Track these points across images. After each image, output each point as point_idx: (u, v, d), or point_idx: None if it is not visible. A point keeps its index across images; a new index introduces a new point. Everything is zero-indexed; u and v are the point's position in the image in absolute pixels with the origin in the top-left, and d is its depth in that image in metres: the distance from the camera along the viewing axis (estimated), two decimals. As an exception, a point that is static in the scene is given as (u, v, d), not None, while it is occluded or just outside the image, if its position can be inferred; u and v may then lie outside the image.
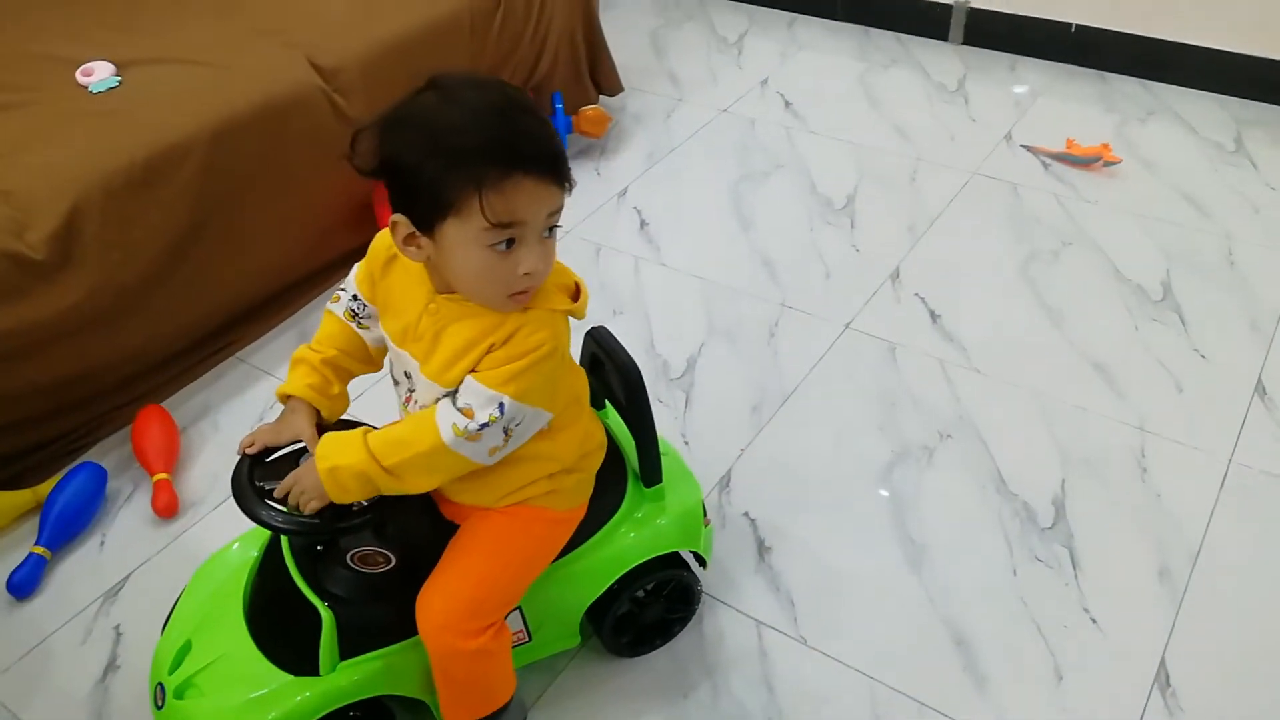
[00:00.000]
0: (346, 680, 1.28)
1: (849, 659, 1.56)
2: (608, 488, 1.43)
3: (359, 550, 1.27)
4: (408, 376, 1.24)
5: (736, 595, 1.66)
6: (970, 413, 1.96)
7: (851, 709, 1.50)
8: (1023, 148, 2.73)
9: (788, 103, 2.97)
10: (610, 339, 1.41)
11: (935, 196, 2.56)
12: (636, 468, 1.46)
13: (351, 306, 1.30)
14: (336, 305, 1.32)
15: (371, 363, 1.34)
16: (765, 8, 3.53)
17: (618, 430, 1.50)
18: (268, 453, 1.23)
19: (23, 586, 1.69)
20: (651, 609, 1.53)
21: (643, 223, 2.53)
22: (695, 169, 2.73)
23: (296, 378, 1.28)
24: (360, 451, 1.15)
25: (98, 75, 2.09)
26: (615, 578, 1.44)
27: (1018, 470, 1.84)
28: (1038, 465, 1.85)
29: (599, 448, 1.40)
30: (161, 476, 1.84)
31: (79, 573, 1.74)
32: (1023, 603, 1.63)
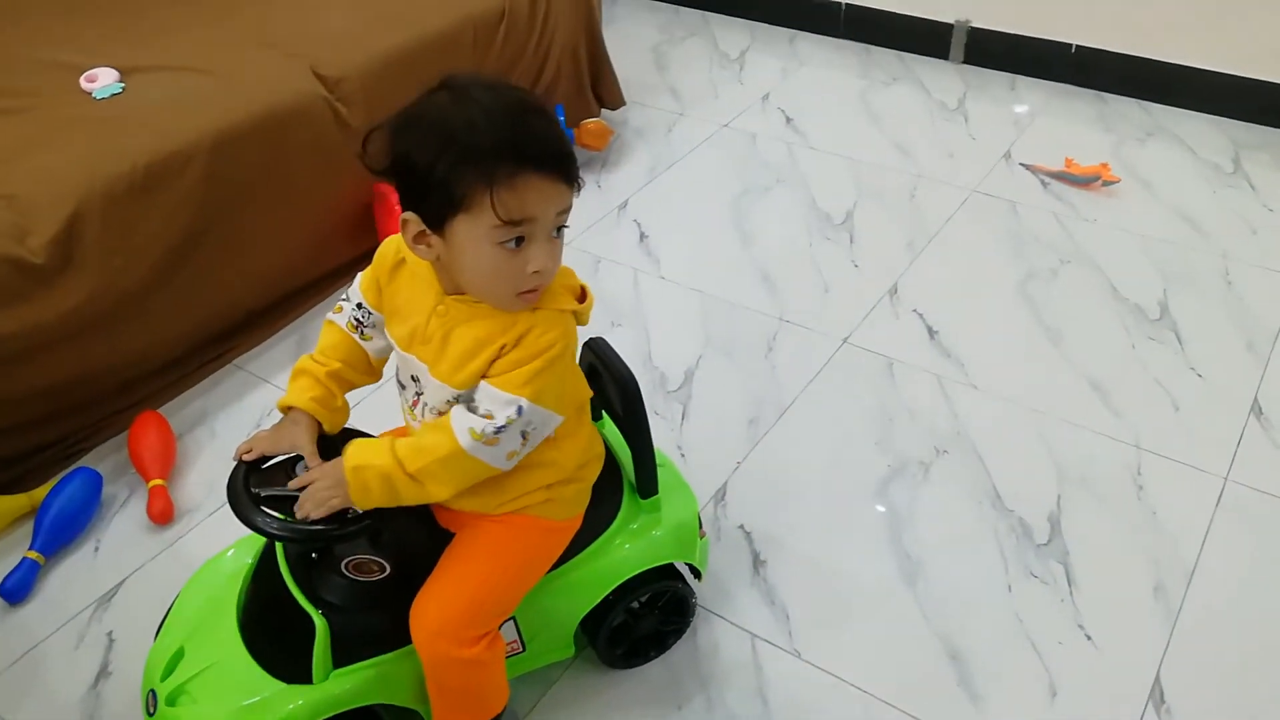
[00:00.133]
0: (339, 688, 1.27)
1: (843, 673, 1.56)
2: (604, 498, 1.43)
3: (354, 558, 1.26)
4: (415, 380, 1.25)
5: (731, 608, 1.65)
6: (967, 429, 1.96)
7: (845, 723, 1.50)
8: (1022, 166, 2.74)
9: (789, 118, 2.99)
10: (608, 350, 1.41)
11: (934, 213, 2.57)
12: (633, 479, 1.46)
13: (355, 316, 1.31)
14: (339, 316, 1.32)
15: (372, 373, 1.34)
16: (767, 24, 3.55)
17: (614, 441, 1.50)
18: (263, 460, 1.23)
19: (16, 591, 1.68)
20: (646, 620, 1.52)
21: (642, 235, 2.53)
22: (696, 183, 2.73)
23: (300, 390, 1.27)
24: (387, 455, 1.16)
25: (101, 81, 2.09)
26: (610, 589, 1.44)
27: (1014, 486, 1.84)
28: (1034, 482, 1.85)
29: (597, 458, 1.40)
30: (157, 483, 1.84)
31: (72, 578, 1.74)
32: (1018, 619, 1.63)
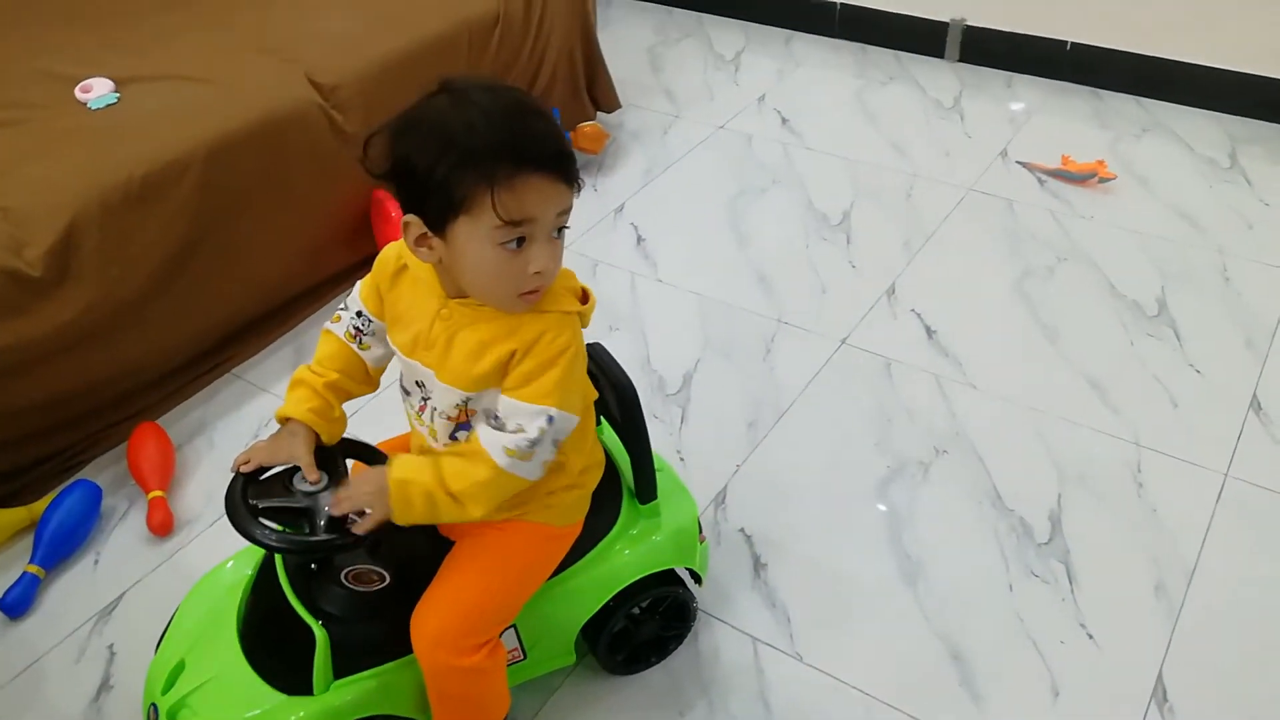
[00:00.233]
0: (341, 699, 1.27)
1: (845, 675, 1.56)
2: (603, 504, 1.43)
3: (353, 568, 1.26)
4: (420, 385, 1.25)
5: (732, 612, 1.65)
6: (966, 428, 1.96)
7: (848, 726, 1.50)
8: (1018, 164, 2.74)
9: (784, 119, 2.99)
10: (605, 356, 1.41)
11: (931, 212, 2.57)
12: (632, 485, 1.46)
13: (355, 324, 1.31)
14: (337, 325, 1.32)
15: (370, 383, 1.34)
16: (762, 25, 3.55)
17: (613, 447, 1.50)
18: (261, 471, 1.23)
19: (16, 606, 1.68)
20: (647, 626, 1.52)
21: (639, 238, 2.53)
22: (692, 185, 2.73)
23: (297, 400, 1.27)
24: (432, 473, 1.16)
25: (97, 91, 2.09)
26: (610, 595, 1.44)
27: (1014, 485, 1.84)
28: (1034, 480, 1.85)
29: (598, 465, 1.40)
30: (156, 494, 1.83)
31: (73, 591, 1.74)
32: (1019, 618, 1.63)
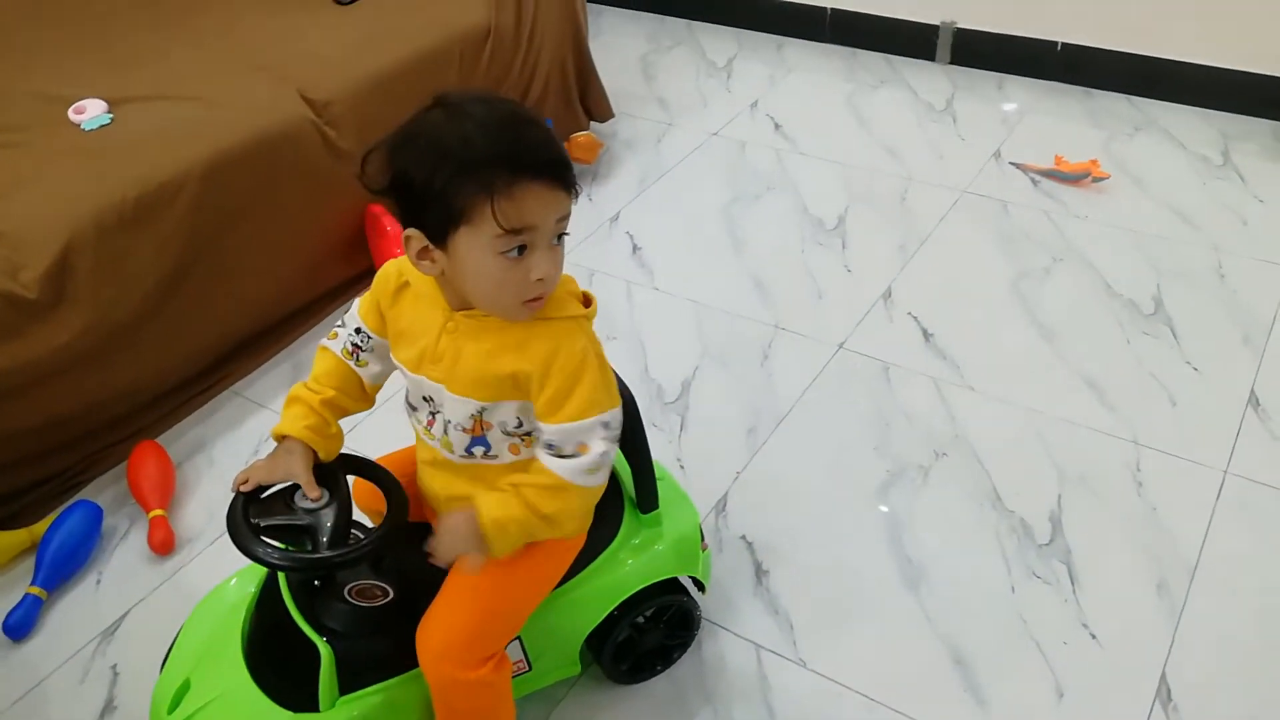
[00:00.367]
0: (346, 715, 1.27)
1: (849, 680, 1.56)
2: (605, 515, 1.43)
3: (356, 584, 1.26)
4: (428, 400, 1.25)
5: (735, 619, 1.65)
6: (965, 431, 1.96)
7: (853, 731, 1.50)
8: (1012, 165, 2.74)
9: (777, 125, 2.99)
10: None
11: (926, 215, 2.57)
12: (633, 494, 1.46)
13: (353, 341, 1.31)
14: (334, 342, 1.32)
15: (366, 400, 1.34)
16: (753, 31, 3.55)
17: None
18: (261, 490, 1.23)
19: (19, 628, 1.68)
20: (651, 635, 1.53)
21: (635, 247, 2.54)
22: (687, 193, 2.74)
23: (293, 418, 1.27)
24: (519, 505, 1.17)
25: (90, 113, 2.10)
26: (614, 605, 1.44)
27: (1013, 487, 1.84)
28: (1033, 481, 1.86)
29: None
30: (157, 513, 1.83)
31: (75, 612, 1.74)
32: (1021, 620, 1.63)
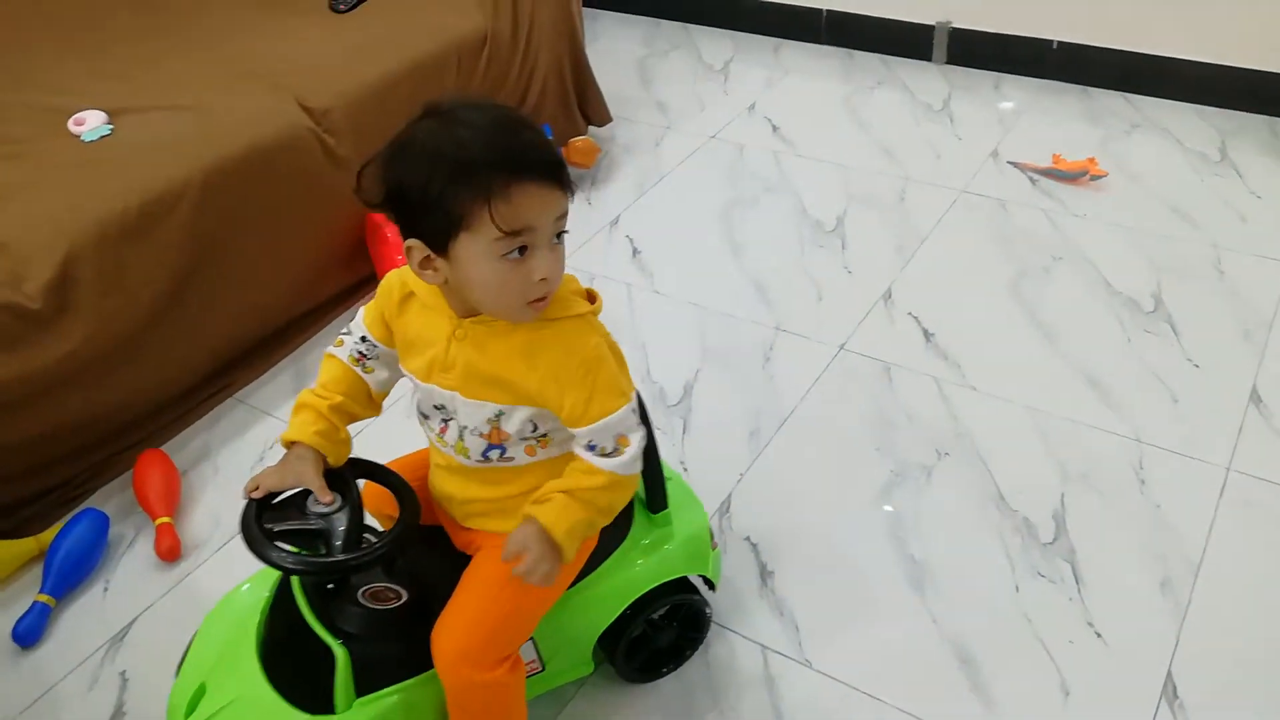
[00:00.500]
0: (363, 717, 1.28)
1: (855, 680, 1.56)
2: (616, 516, 1.44)
3: (370, 587, 1.27)
4: (440, 409, 1.26)
5: (741, 620, 1.66)
6: (967, 430, 1.97)
7: (860, 731, 1.51)
8: (1009, 164, 2.75)
9: (775, 127, 3.00)
10: None
11: (924, 216, 2.58)
12: (643, 495, 1.47)
13: (359, 349, 1.31)
14: (340, 350, 1.32)
15: (374, 407, 1.35)
16: (750, 34, 3.56)
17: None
18: (272, 496, 1.24)
19: (28, 635, 1.68)
20: (664, 633, 1.54)
21: (635, 251, 2.54)
22: (685, 196, 2.75)
23: (302, 424, 1.27)
24: (579, 507, 1.20)
25: (89, 124, 2.10)
26: (627, 604, 1.45)
27: (1017, 486, 1.85)
28: (1036, 480, 1.86)
29: None
30: (164, 520, 1.84)
31: (84, 619, 1.74)
32: (1026, 619, 1.63)
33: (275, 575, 1.37)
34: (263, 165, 2.10)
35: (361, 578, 1.27)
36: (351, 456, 1.31)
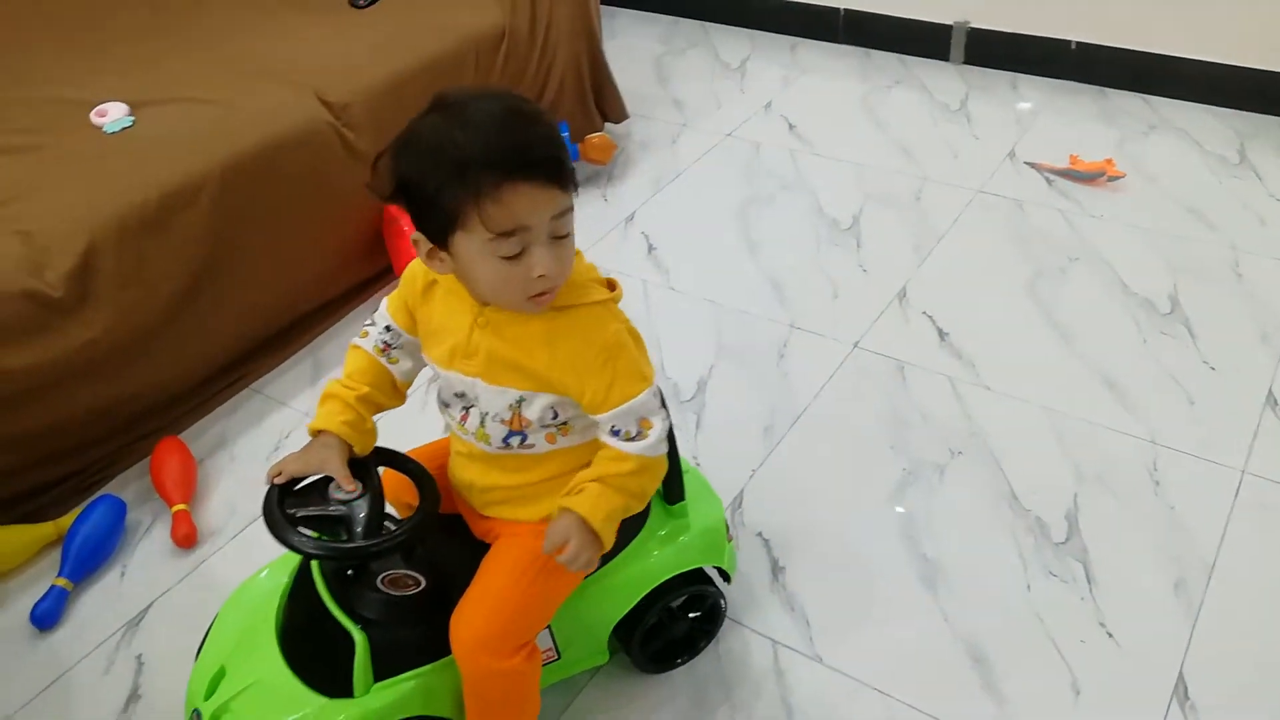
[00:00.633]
0: (381, 702, 1.29)
1: (866, 677, 1.57)
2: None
3: (389, 574, 1.28)
4: (461, 396, 1.27)
5: (752, 615, 1.66)
6: (981, 429, 1.97)
7: (870, 727, 1.51)
8: (1026, 165, 2.74)
9: (791, 125, 3.00)
10: None
11: (941, 215, 2.58)
12: (660, 486, 1.47)
13: (384, 339, 1.32)
14: (365, 340, 1.34)
15: (398, 397, 1.36)
16: (767, 32, 3.56)
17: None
18: (294, 482, 1.25)
19: (46, 618, 1.70)
20: (680, 624, 1.55)
21: (650, 247, 2.55)
22: (701, 193, 2.75)
23: (330, 413, 1.28)
24: (614, 494, 1.21)
25: (111, 116, 2.12)
26: (643, 594, 1.46)
27: (1030, 486, 1.85)
28: (1050, 480, 1.86)
29: None
30: (180, 507, 1.86)
31: (101, 603, 1.76)
32: (1038, 618, 1.63)
33: (294, 562, 1.39)
34: (282, 159, 2.11)
35: (381, 564, 1.28)
36: (381, 445, 1.33)
